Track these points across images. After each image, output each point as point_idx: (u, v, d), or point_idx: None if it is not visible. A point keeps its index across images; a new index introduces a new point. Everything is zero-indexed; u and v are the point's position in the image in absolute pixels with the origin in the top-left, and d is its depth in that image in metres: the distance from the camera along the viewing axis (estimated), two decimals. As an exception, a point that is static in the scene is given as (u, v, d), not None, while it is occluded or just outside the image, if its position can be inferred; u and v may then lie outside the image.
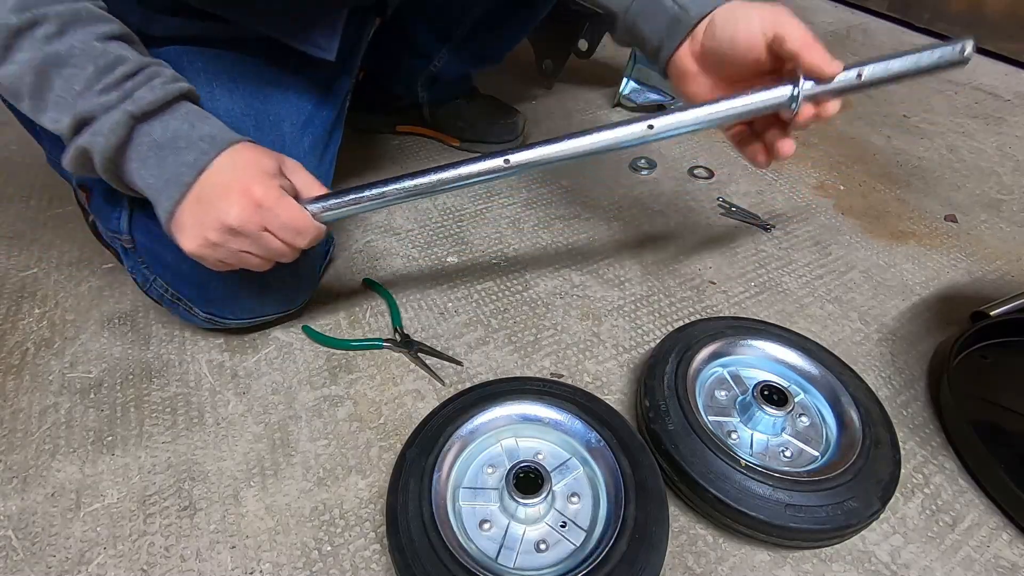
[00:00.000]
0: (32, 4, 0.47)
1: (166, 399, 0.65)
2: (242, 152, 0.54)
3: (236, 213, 0.52)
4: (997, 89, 1.42)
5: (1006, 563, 0.56)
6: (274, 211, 0.54)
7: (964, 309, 0.81)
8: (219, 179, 0.53)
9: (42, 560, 0.52)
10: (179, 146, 0.52)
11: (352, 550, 0.54)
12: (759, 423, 0.61)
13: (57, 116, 0.50)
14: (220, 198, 0.52)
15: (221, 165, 0.53)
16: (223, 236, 0.53)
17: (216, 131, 0.54)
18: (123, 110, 0.49)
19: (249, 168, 0.54)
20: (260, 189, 0.53)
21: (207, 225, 0.53)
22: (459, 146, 1.08)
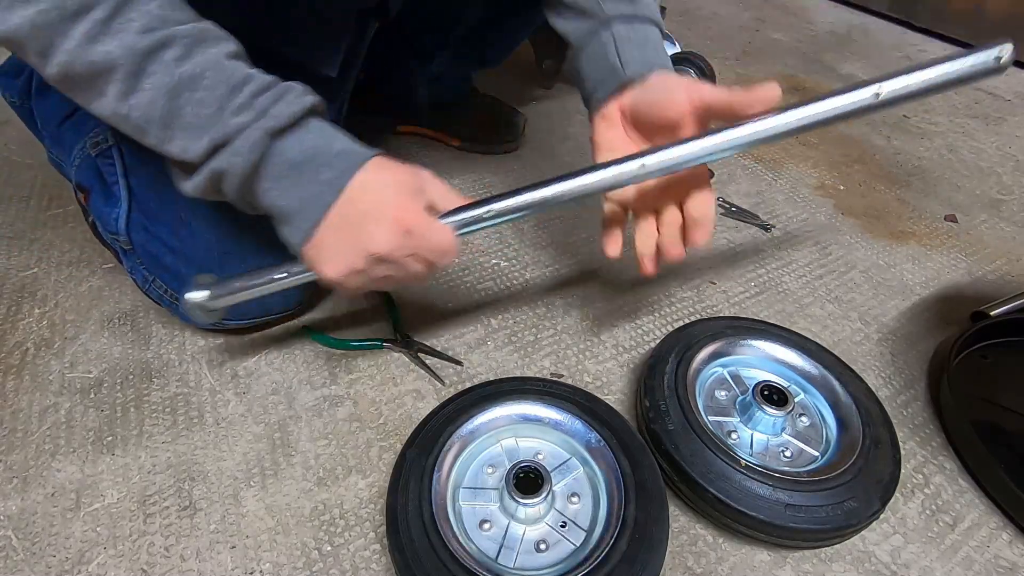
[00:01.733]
0: (158, 24, 0.44)
1: (166, 399, 0.65)
2: (383, 169, 0.51)
3: (386, 240, 0.49)
4: (997, 89, 1.42)
5: (1006, 563, 0.56)
6: (425, 236, 0.51)
7: (964, 309, 0.81)
8: (363, 201, 0.49)
9: (42, 560, 0.52)
10: (316, 164, 0.49)
11: (352, 550, 0.54)
12: (759, 423, 0.61)
13: (186, 143, 0.47)
14: (368, 223, 0.49)
15: (363, 184, 0.50)
16: (369, 263, 0.50)
17: (350, 147, 0.51)
18: (261, 127, 0.47)
19: (394, 188, 0.50)
20: (410, 214, 0.50)
21: (354, 252, 0.50)
22: (459, 146, 1.08)
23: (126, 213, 0.65)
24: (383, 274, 0.52)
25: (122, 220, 0.65)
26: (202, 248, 0.64)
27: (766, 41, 1.59)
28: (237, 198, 0.51)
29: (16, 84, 0.72)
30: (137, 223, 0.65)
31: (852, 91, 0.47)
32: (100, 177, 0.66)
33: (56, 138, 0.71)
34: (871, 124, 1.25)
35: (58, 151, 0.73)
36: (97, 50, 0.43)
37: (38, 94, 0.71)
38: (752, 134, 0.49)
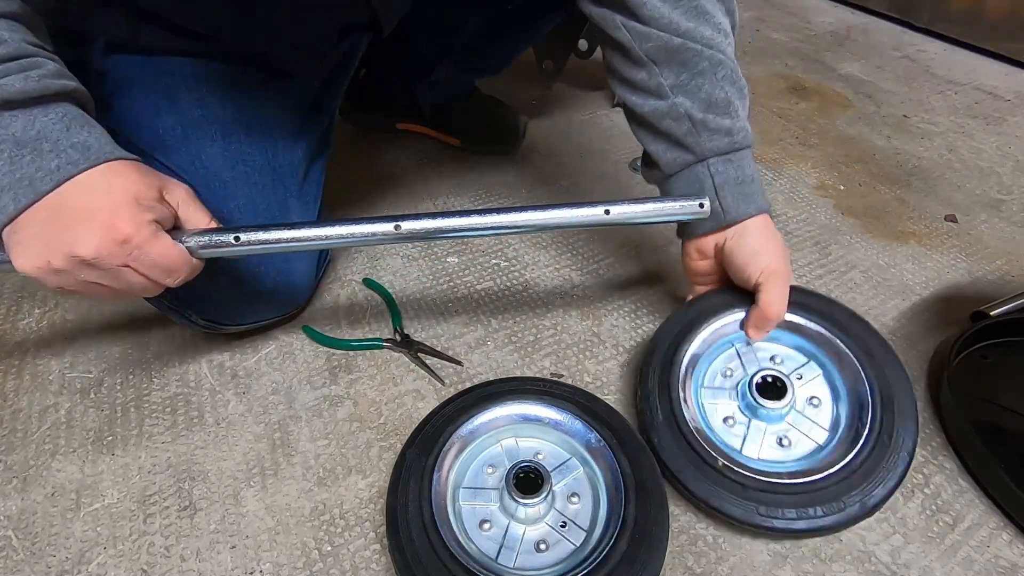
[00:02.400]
0: None
1: (166, 399, 0.65)
2: (120, 173, 0.47)
3: (94, 246, 0.45)
4: (997, 89, 1.42)
5: (1006, 563, 0.56)
6: (143, 249, 0.47)
7: (964, 309, 0.81)
8: (83, 199, 0.45)
9: (42, 560, 0.52)
10: (42, 148, 0.44)
11: (352, 550, 0.54)
12: (757, 412, 0.60)
13: None
14: (79, 223, 0.45)
15: (90, 183, 0.46)
16: (70, 265, 0.46)
17: (95, 142, 0.47)
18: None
19: (121, 194, 0.46)
20: (129, 225, 0.46)
21: (53, 249, 0.45)
22: (459, 146, 1.08)
23: None
24: (92, 279, 0.48)
25: None
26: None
27: (766, 41, 1.59)
28: None
29: None
30: None
31: (587, 207, 0.59)
32: None
33: None
34: (871, 124, 1.25)
35: None
36: None
37: None
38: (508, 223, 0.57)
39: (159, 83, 0.61)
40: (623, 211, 0.59)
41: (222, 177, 0.63)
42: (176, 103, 0.61)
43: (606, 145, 1.12)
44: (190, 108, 0.62)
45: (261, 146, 0.65)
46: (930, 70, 1.49)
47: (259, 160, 0.65)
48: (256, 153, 0.65)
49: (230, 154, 0.63)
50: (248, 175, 0.64)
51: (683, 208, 0.60)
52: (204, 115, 0.62)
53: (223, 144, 0.63)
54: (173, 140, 0.61)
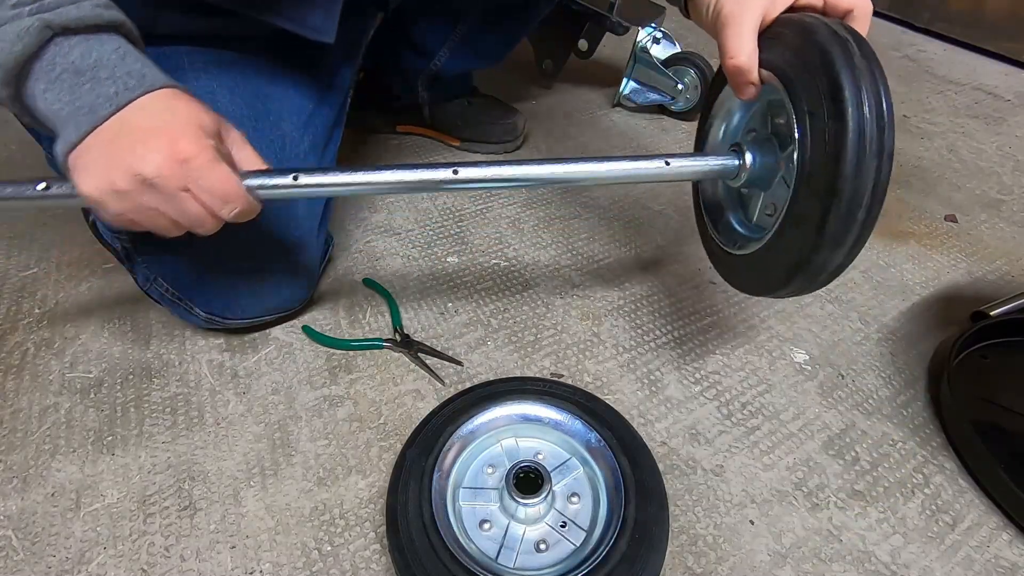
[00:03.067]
0: None
1: (166, 399, 0.65)
2: (181, 99, 0.48)
3: (156, 164, 0.45)
4: (997, 89, 1.42)
5: (1006, 563, 0.56)
6: (202, 171, 0.47)
7: (964, 309, 0.81)
8: (143, 121, 0.46)
9: (42, 560, 0.52)
10: (100, 76, 0.45)
11: (352, 550, 0.54)
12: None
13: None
14: (140, 143, 0.45)
15: (151, 105, 0.46)
16: (133, 185, 0.46)
17: (149, 72, 0.47)
18: (38, 17, 0.42)
19: (185, 117, 0.47)
20: (191, 144, 0.46)
21: (116, 169, 0.45)
22: (459, 146, 1.08)
23: None
24: (152, 205, 0.47)
25: None
26: (203, 247, 0.64)
27: (766, 41, 1.59)
28: (8, 97, 0.46)
29: None
30: None
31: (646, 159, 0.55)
32: None
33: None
34: (871, 124, 1.24)
35: None
36: None
37: None
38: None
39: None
40: (682, 165, 0.55)
41: None
42: None
43: (606, 145, 1.12)
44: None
45: (268, 139, 0.66)
46: (930, 70, 1.49)
47: (266, 153, 0.65)
48: (262, 147, 0.65)
49: None
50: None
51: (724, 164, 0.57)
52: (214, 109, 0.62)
53: None
54: None
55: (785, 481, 0.61)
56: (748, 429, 0.66)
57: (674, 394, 0.69)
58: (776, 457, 0.63)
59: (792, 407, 0.69)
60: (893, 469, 0.63)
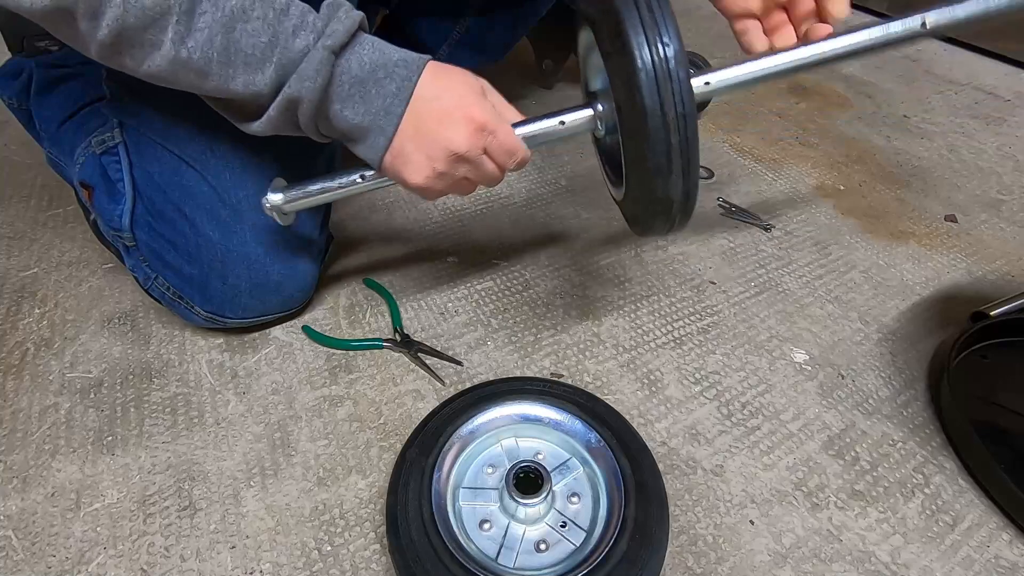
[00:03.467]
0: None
1: (166, 399, 0.65)
2: (445, 73, 0.53)
3: (464, 139, 0.51)
4: (997, 89, 1.42)
5: (1006, 563, 0.56)
6: (495, 133, 0.52)
7: (964, 309, 0.81)
8: (434, 105, 0.51)
9: (42, 560, 0.52)
10: (378, 76, 0.50)
11: (352, 550, 0.54)
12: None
13: (250, 76, 0.47)
14: (443, 125, 0.51)
15: (428, 89, 0.51)
16: (451, 164, 0.52)
17: (403, 55, 0.51)
18: (323, 47, 0.47)
19: (463, 89, 0.53)
20: (480, 111, 0.51)
21: (435, 156, 0.51)
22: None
23: (130, 210, 0.65)
24: (463, 175, 0.54)
25: (126, 216, 0.65)
26: (205, 246, 0.64)
27: (766, 41, 1.59)
28: (309, 125, 0.51)
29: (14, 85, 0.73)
30: (141, 220, 0.65)
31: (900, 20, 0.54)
32: (104, 174, 0.66)
33: (55, 139, 0.71)
34: (871, 124, 1.25)
35: (57, 151, 0.73)
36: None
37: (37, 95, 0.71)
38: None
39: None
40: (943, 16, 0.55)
41: (232, 167, 0.64)
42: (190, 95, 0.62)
43: (606, 145, 1.12)
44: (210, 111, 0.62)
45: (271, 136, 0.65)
46: (930, 70, 1.49)
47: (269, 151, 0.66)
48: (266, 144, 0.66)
49: (242, 146, 0.64)
50: (258, 165, 0.65)
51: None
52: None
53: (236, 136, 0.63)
54: (187, 131, 0.62)
55: (785, 481, 0.61)
56: (748, 429, 0.66)
57: (674, 394, 0.69)
58: (776, 457, 0.63)
59: (792, 407, 0.69)
60: (893, 469, 0.63)
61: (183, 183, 0.63)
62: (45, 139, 0.74)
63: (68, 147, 0.70)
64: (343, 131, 0.52)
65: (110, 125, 0.65)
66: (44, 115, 0.72)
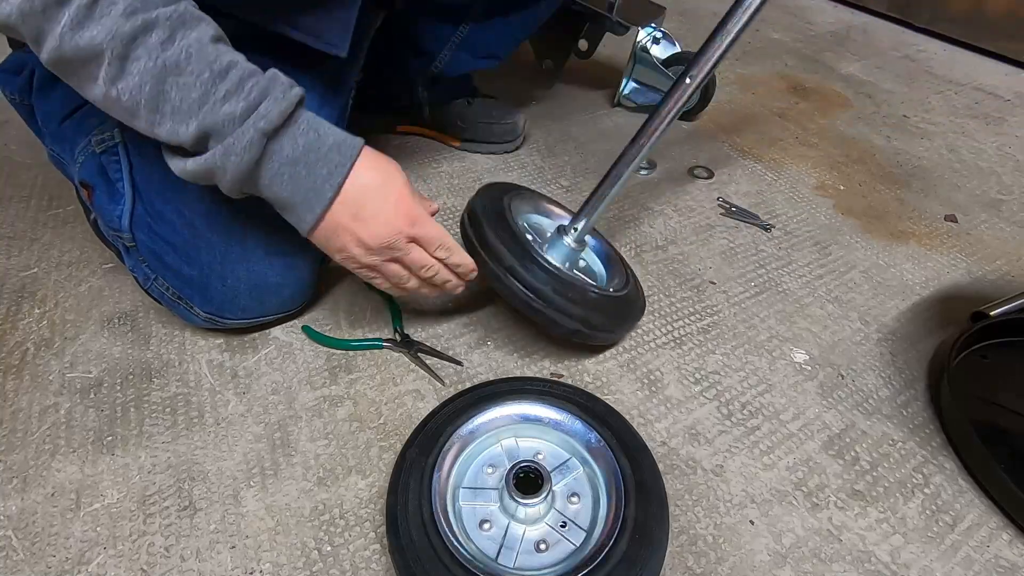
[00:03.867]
0: (140, 7, 0.45)
1: (166, 399, 0.65)
2: (373, 161, 0.56)
3: (391, 228, 0.55)
4: (997, 89, 1.42)
5: (1006, 563, 0.56)
6: (420, 223, 0.57)
7: (964, 309, 0.81)
8: (364, 193, 0.54)
9: (42, 560, 0.52)
10: (310, 160, 0.52)
11: (352, 550, 0.54)
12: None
13: (175, 127, 0.49)
14: (372, 212, 0.54)
15: (360, 176, 0.54)
16: (379, 251, 0.56)
17: (338, 139, 0.54)
18: (255, 128, 0.49)
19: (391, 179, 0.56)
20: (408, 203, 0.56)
21: (364, 240, 0.55)
22: (459, 146, 1.08)
23: (130, 210, 0.65)
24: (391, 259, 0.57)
25: (126, 217, 0.65)
26: (204, 248, 0.64)
27: (766, 41, 1.59)
28: (230, 191, 0.53)
29: (17, 81, 0.72)
30: (141, 220, 0.65)
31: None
32: (104, 174, 0.66)
33: (57, 136, 0.71)
34: (871, 124, 1.25)
35: (59, 149, 0.73)
36: (83, 35, 0.45)
37: (39, 91, 0.71)
38: None
39: None
40: None
41: None
42: None
43: (606, 145, 1.12)
44: None
45: None
46: (930, 70, 1.49)
47: None
48: None
49: None
50: None
51: None
52: None
53: None
54: None
55: (785, 481, 0.61)
56: (748, 429, 0.66)
57: (674, 394, 0.69)
58: (776, 457, 0.63)
59: (792, 407, 0.69)
60: (893, 469, 0.63)
61: (183, 184, 0.62)
62: (47, 136, 0.73)
63: (69, 144, 0.70)
64: (269, 199, 0.54)
65: (110, 123, 0.65)
66: (46, 111, 0.71)
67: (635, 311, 0.73)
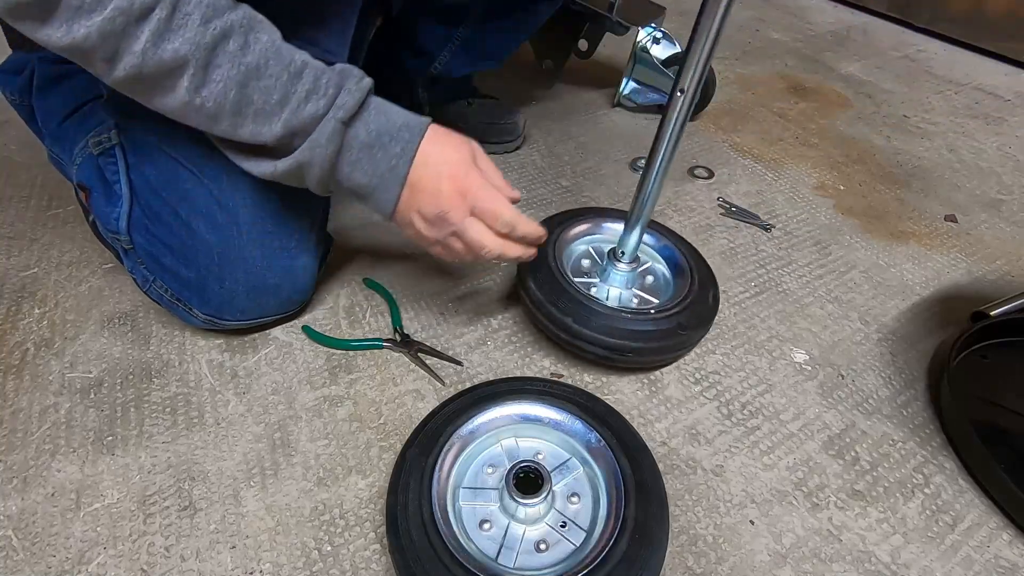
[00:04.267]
0: (213, 14, 0.46)
1: (166, 399, 0.65)
2: (440, 136, 0.57)
3: (448, 201, 0.55)
4: (997, 89, 1.42)
5: (1006, 563, 0.56)
6: (479, 198, 0.57)
7: (964, 309, 0.81)
8: (429, 169, 0.55)
9: (42, 560, 0.52)
10: (384, 142, 0.54)
11: (352, 550, 0.54)
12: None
13: (258, 129, 0.51)
14: (434, 186, 0.55)
15: (427, 153, 0.55)
16: (440, 224, 0.56)
17: (406, 119, 0.56)
18: (335, 119, 0.51)
19: (455, 154, 0.57)
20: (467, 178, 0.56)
21: (426, 214, 0.56)
22: (459, 146, 1.08)
23: (127, 212, 0.65)
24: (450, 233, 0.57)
25: (123, 219, 0.65)
26: (202, 249, 0.64)
27: (766, 41, 1.59)
28: (317, 185, 0.55)
29: (17, 81, 0.72)
30: (138, 223, 0.65)
31: None
32: (102, 176, 0.66)
33: (57, 136, 0.71)
34: (871, 124, 1.25)
35: (58, 149, 0.73)
36: (167, 48, 0.45)
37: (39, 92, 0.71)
38: None
39: None
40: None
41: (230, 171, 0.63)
42: None
43: (606, 145, 1.12)
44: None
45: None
46: (930, 70, 1.49)
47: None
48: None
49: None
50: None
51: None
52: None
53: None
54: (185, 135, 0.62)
55: (785, 481, 0.61)
56: (748, 429, 0.66)
57: (674, 394, 0.69)
58: (776, 457, 0.63)
59: (792, 407, 0.69)
60: (893, 469, 0.63)
61: (180, 186, 0.63)
62: (47, 136, 0.73)
63: (69, 145, 0.70)
64: (351, 189, 0.56)
65: (107, 125, 0.65)
66: (46, 111, 0.72)
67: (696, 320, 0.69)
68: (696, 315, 0.69)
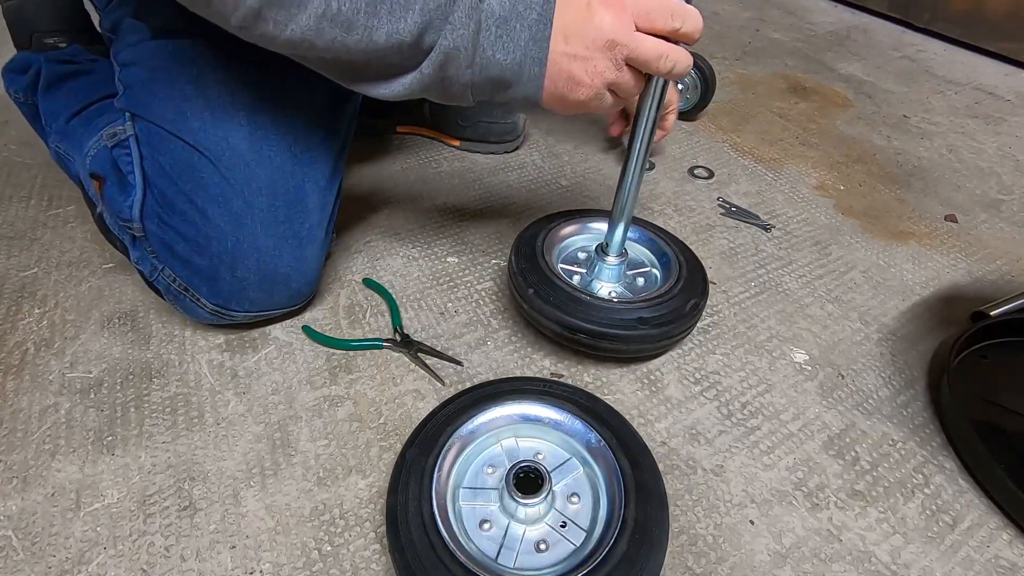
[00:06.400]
0: None
1: (166, 399, 0.65)
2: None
3: (610, 21, 0.50)
4: (997, 89, 1.42)
5: (1006, 563, 0.56)
6: (638, 2, 0.51)
7: (964, 309, 0.81)
8: (572, 11, 0.51)
9: (42, 560, 0.52)
10: (519, 10, 0.50)
11: (352, 550, 0.54)
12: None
13: (395, 26, 0.48)
14: (587, 20, 0.51)
15: (565, 7, 0.51)
16: (608, 53, 0.51)
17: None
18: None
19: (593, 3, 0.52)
20: (619, 20, 0.51)
21: (590, 53, 0.51)
22: (459, 146, 1.08)
23: (140, 201, 0.65)
24: (624, 59, 0.52)
25: (136, 208, 0.65)
26: (216, 237, 0.64)
27: (766, 41, 1.59)
28: (463, 77, 0.52)
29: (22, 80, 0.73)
30: (151, 210, 0.65)
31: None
32: (115, 167, 0.67)
33: (64, 133, 0.72)
34: (871, 124, 1.25)
35: (66, 145, 0.73)
36: None
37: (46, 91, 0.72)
38: None
39: (189, 72, 0.63)
40: None
41: (246, 159, 0.64)
42: (205, 89, 0.63)
43: (607, 145, 1.12)
44: (219, 94, 0.63)
45: (283, 131, 0.66)
46: (930, 70, 1.49)
47: (281, 145, 0.66)
48: (278, 138, 0.66)
49: (255, 139, 0.64)
50: (271, 158, 0.65)
51: None
52: (232, 101, 0.64)
53: (249, 129, 0.64)
54: (201, 124, 0.63)
55: (785, 481, 0.61)
56: (748, 429, 0.66)
57: (674, 394, 0.69)
58: (776, 457, 0.63)
59: (792, 407, 0.69)
60: (893, 469, 0.63)
61: (196, 173, 0.63)
62: (52, 133, 0.74)
63: (77, 141, 0.70)
64: (497, 78, 0.52)
65: (122, 120, 0.66)
66: (52, 110, 0.72)
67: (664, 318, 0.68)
68: (667, 312, 0.68)
